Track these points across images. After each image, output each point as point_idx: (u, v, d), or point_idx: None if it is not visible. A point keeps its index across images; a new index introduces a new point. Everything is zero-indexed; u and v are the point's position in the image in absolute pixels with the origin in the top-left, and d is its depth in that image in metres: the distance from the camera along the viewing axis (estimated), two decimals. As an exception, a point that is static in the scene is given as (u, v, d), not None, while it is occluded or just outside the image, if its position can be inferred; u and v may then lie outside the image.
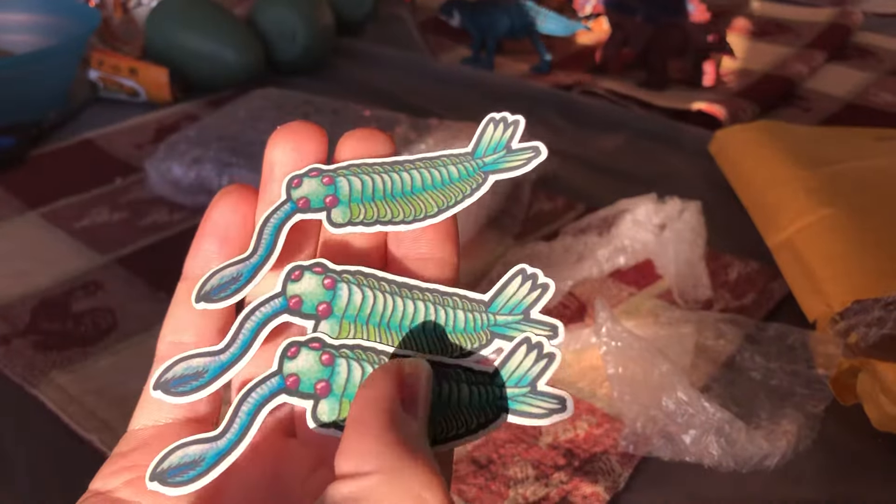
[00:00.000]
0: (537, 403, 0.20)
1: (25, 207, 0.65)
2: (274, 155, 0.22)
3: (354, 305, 0.21)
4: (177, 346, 0.22)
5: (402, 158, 0.22)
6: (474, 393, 0.21)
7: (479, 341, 0.21)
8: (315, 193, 0.22)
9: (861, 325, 0.47)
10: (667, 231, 0.57)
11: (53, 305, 0.54)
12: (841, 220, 0.56)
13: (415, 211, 0.22)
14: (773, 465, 0.41)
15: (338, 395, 0.20)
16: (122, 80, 0.82)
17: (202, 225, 0.23)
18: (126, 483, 0.21)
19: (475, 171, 0.22)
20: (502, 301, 0.22)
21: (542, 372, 0.21)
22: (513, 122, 0.23)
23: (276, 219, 0.22)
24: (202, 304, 0.21)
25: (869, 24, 1.07)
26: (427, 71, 0.94)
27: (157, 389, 0.21)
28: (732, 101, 0.84)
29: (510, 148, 0.23)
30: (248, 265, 0.21)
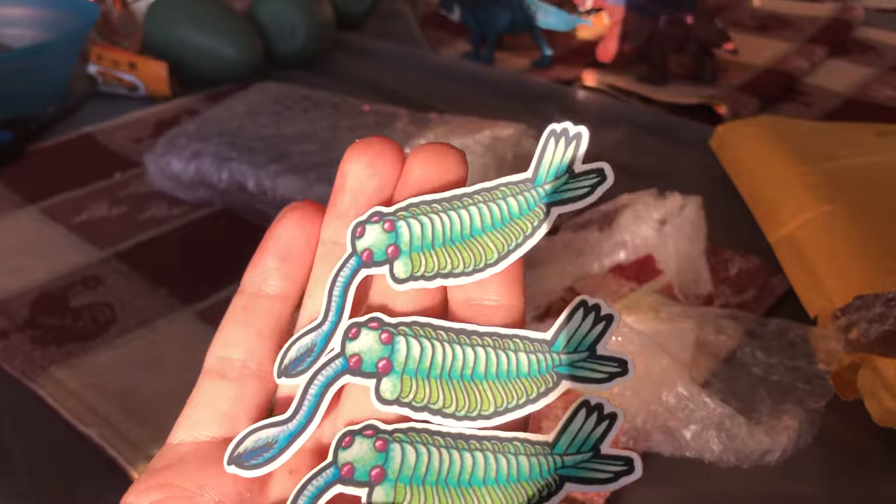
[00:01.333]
0: (602, 468, 0.20)
1: (24, 202, 0.65)
2: (348, 168, 0.22)
3: (414, 358, 0.20)
4: (224, 363, 0.22)
5: (460, 192, 0.21)
6: (534, 465, 0.20)
7: (546, 384, 0.20)
8: (378, 243, 0.21)
9: (862, 320, 0.47)
10: (667, 226, 0.57)
11: (52, 300, 0.54)
12: (842, 215, 0.55)
13: (475, 259, 0.21)
14: (774, 460, 0.41)
15: (392, 480, 0.20)
16: (121, 74, 0.82)
17: (265, 240, 0.22)
18: (157, 503, 0.21)
19: (536, 204, 0.21)
20: (565, 339, 0.21)
21: (604, 434, 0.20)
22: (574, 135, 0.21)
23: (343, 277, 0.21)
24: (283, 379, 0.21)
25: (870, 20, 1.07)
26: (427, 66, 0.94)
27: (231, 464, 0.21)
28: (733, 95, 0.83)
29: (573, 172, 0.21)
30: (322, 333, 0.21)
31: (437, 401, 0.20)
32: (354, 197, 0.22)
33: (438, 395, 0.20)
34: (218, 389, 0.22)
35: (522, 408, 0.20)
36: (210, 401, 0.22)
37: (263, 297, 0.22)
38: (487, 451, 0.20)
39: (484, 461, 0.20)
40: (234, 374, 0.22)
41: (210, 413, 0.22)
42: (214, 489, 0.21)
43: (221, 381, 0.22)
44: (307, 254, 0.22)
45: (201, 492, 0.21)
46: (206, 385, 0.22)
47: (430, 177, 0.22)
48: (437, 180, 0.22)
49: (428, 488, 0.19)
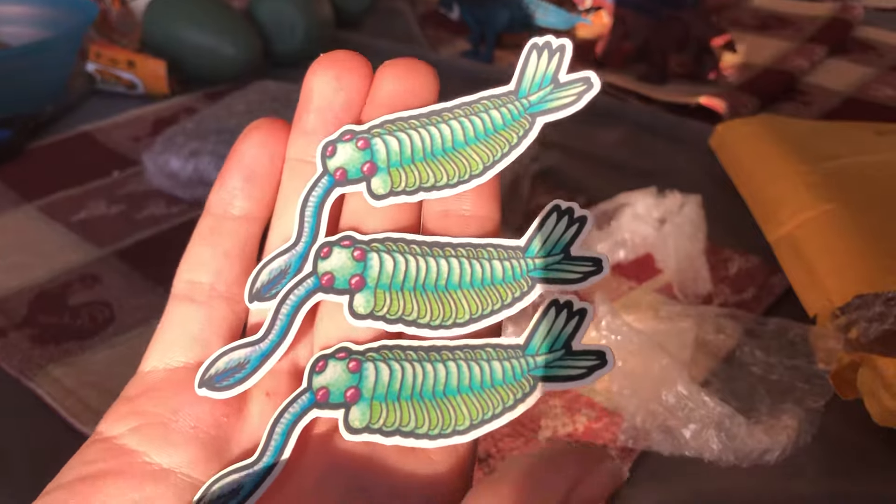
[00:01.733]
0: (575, 364, 0.19)
1: (22, 200, 0.65)
2: (313, 83, 0.21)
3: (387, 273, 0.20)
4: (192, 286, 0.21)
5: (439, 107, 0.21)
6: (507, 369, 0.20)
7: (521, 289, 0.20)
8: (352, 162, 0.20)
9: (862, 320, 0.47)
10: (667, 225, 0.57)
11: (50, 298, 0.54)
12: (842, 214, 0.55)
13: (459, 171, 0.20)
14: (774, 459, 0.41)
15: (367, 399, 0.20)
16: (119, 72, 0.82)
17: (229, 158, 0.22)
18: (132, 430, 0.20)
19: (521, 114, 0.20)
20: (539, 243, 0.20)
21: (575, 330, 0.19)
22: (558, 47, 0.21)
23: (316, 197, 0.21)
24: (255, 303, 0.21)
25: (870, 19, 1.07)
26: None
27: (203, 387, 0.20)
28: (733, 94, 0.83)
29: (558, 81, 0.20)
30: (296, 254, 0.21)
31: (410, 312, 0.20)
32: (321, 113, 0.21)
33: (412, 306, 0.20)
34: (187, 313, 0.21)
35: (498, 313, 0.20)
36: (180, 325, 0.21)
37: (230, 217, 0.22)
38: (460, 359, 0.20)
39: (457, 370, 0.20)
40: (203, 297, 0.21)
41: (181, 338, 0.21)
42: (189, 414, 0.20)
43: (190, 304, 0.21)
44: (273, 173, 0.22)
45: (176, 417, 0.20)
46: (176, 310, 0.22)
47: (400, 92, 0.21)
48: (408, 96, 0.21)
49: (403, 403, 0.19)
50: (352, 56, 0.21)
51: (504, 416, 0.19)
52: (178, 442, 0.20)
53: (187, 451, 0.20)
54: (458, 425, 0.19)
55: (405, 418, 0.19)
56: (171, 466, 0.20)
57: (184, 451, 0.20)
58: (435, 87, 0.21)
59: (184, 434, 0.20)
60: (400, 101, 0.21)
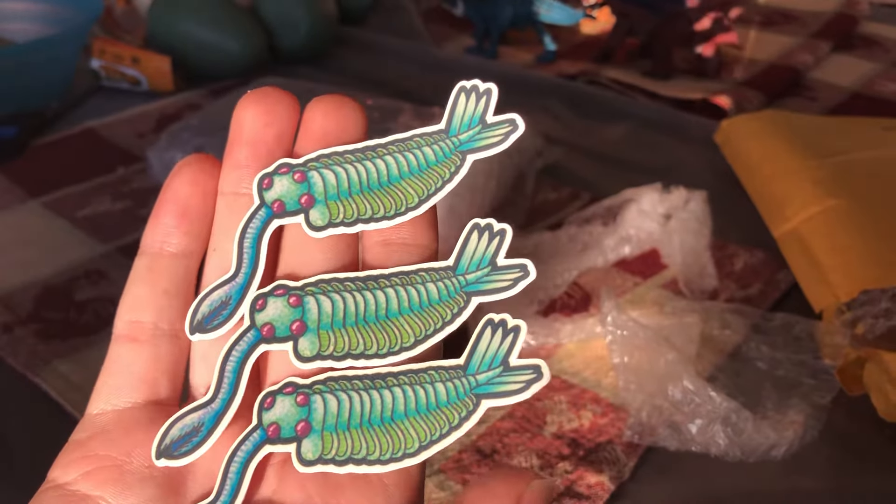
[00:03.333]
0: (513, 379, 0.20)
1: (27, 196, 0.65)
2: (243, 118, 0.21)
3: (326, 314, 0.21)
4: (136, 326, 0.22)
5: (373, 143, 0.21)
6: (450, 389, 0.20)
7: (458, 305, 0.21)
8: (289, 194, 0.21)
9: (868, 316, 0.47)
10: (672, 221, 0.57)
11: (56, 294, 0.54)
12: (847, 210, 0.55)
13: (395, 203, 0.21)
14: (780, 455, 0.41)
15: (318, 431, 0.20)
16: (124, 69, 0.82)
17: (160, 197, 0.22)
18: (84, 476, 0.20)
19: (452, 152, 0.21)
20: (467, 259, 0.21)
21: (511, 347, 0.20)
22: (485, 91, 0.21)
23: (254, 228, 0.21)
24: (197, 335, 0.21)
25: (875, 15, 1.06)
26: (430, 60, 0.93)
27: (161, 457, 0.20)
28: (738, 90, 0.83)
29: (485, 122, 0.21)
30: (236, 286, 0.21)
31: (357, 346, 0.21)
32: (253, 147, 0.22)
33: (357, 340, 0.21)
34: (132, 354, 0.21)
35: (441, 331, 0.21)
36: (126, 366, 0.21)
37: (166, 255, 0.22)
38: (405, 384, 0.20)
39: (403, 395, 0.20)
40: (146, 336, 0.21)
41: (127, 379, 0.21)
42: (142, 455, 0.21)
43: (134, 344, 0.21)
44: (206, 208, 0.22)
45: (129, 458, 0.21)
46: (119, 350, 0.22)
47: (331, 128, 0.22)
48: (338, 131, 0.22)
49: (353, 432, 0.20)
50: (279, 92, 0.22)
51: (451, 434, 0.20)
52: (134, 483, 0.20)
53: (143, 491, 0.20)
54: (408, 448, 0.20)
55: (357, 446, 0.20)
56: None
57: (140, 492, 0.20)
58: (363, 124, 0.22)
59: (138, 475, 0.20)
60: (332, 136, 0.22)
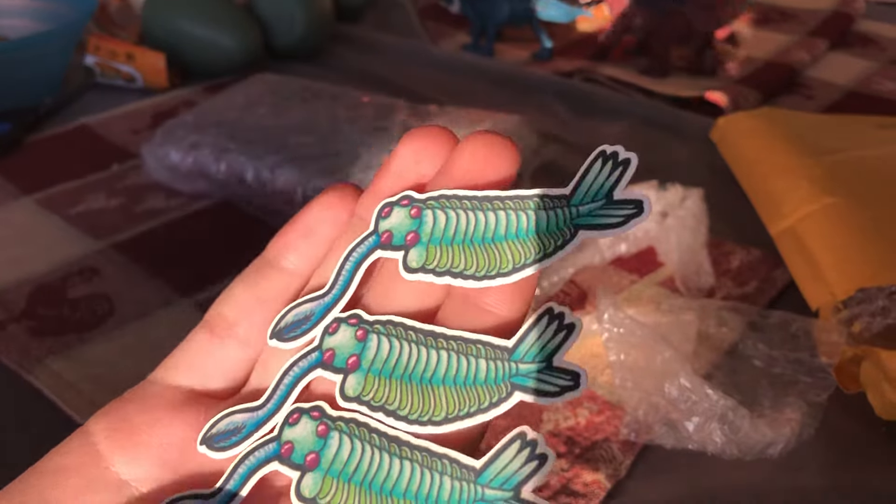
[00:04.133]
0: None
1: (21, 193, 0.65)
2: (399, 150, 0.22)
3: (381, 359, 0.21)
4: (218, 318, 0.23)
5: (494, 194, 0.21)
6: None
7: (500, 394, 0.20)
8: (400, 227, 0.21)
9: (865, 314, 0.47)
10: (669, 218, 0.56)
11: (49, 291, 0.54)
12: (844, 208, 0.55)
13: (489, 265, 0.20)
14: (777, 453, 0.41)
15: (323, 470, 0.20)
16: (118, 65, 0.81)
17: (298, 214, 0.23)
18: (106, 431, 0.22)
19: (566, 223, 0.20)
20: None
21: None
22: (623, 161, 0.20)
23: (358, 254, 0.21)
24: (274, 341, 0.22)
25: (871, 13, 1.06)
26: (426, 58, 0.93)
27: (203, 445, 0.21)
28: (734, 88, 0.83)
29: (611, 198, 0.20)
30: (322, 304, 0.22)
31: (393, 402, 0.20)
32: (396, 179, 0.22)
33: (396, 396, 0.20)
34: (202, 342, 0.23)
35: (472, 416, 0.20)
36: (191, 351, 0.23)
37: (277, 267, 0.23)
38: (416, 462, 0.20)
39: (410, 471, 0.20)
40: (222, 332, 0.22)
41: (187, 362, 0.23)
42: (162, 431, 0.22)
43: (208, 334, 0.23)
44: (331, 235, 0.23)
45: (150, 431, 0.22)
46: (196, 335, 0.23)
47: (473, 168, 0.21)
48: (480, 172, 0.21)
49: (353, 486, 0.20)
50: (440, 131, 0.22)
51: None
52: (143, 456, 0.21)
53: (148, 467, 0.21)
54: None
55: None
56: (129, 478, 0.21)
57: (145, 466, 0.21)
58: (513, 167, 0.21)
59: (150, 450, 0.21)
60: (470, 176, 0.21)
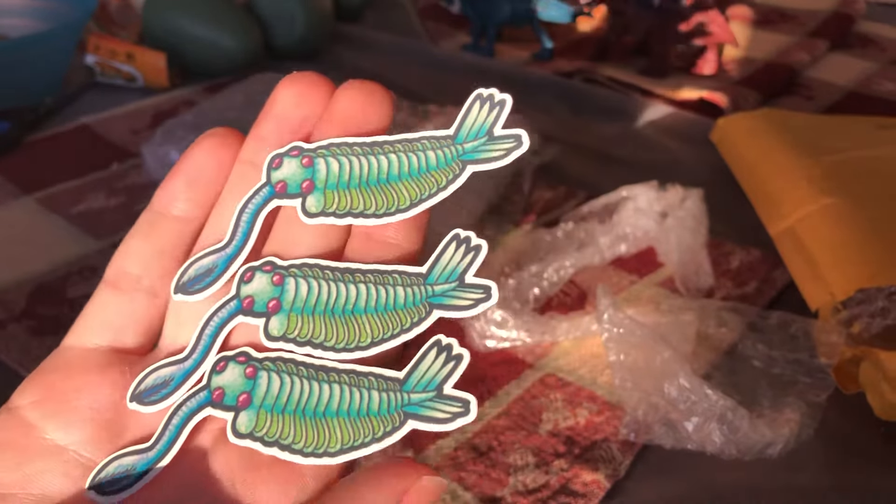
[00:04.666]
0: (442, 408, 0.20)
1: (21, 192, 0.65)
2: (278, 94, 0.22)
3: (301, 298, 0.22)
4: (120, 275, 0.23)
5: (382, 139, 0.22)
6: (382, 400, 0.21)
7: (420, 315, 0.21)
8: (293, 177, 0.22)
9: (864, 314, 0.47)
10: (669, 219, 0.56)
11: (49, 291, 0.54)
12: (844, 208, 0.55)
13: (387, 202, 0.22)
14: (776, 453, 0.41)
15: (255, 407, 0.21)
16: (119, 65, 0.81)
17: (179, 161, 0.23)
18: (35, 402, 0.22)
19: (453, 160, 0.22)
20: (438, 270, 0.22)
21: (449, 374, 0.21)
22: (499, 101, 0.22)
23: (254, 205, 0.22)
24: (179, 295, 0.22)
25: (872, 14, 1.06)
26: (426, 58, 0.93)
27: (133, 401, 0.22)
28: (734, 88, 0.83)
29: (492, 134, 0.22)
30: (224, 255, 0.22)
31: (319, 335, 0.21)
32: (278, 123, 0.22)
33: (321, 329, 0.21)
34: (109, 300, 0.23)
35: (396, 337, 0.21)
36: (101, 310, 0.23)
37: (169, 217, 0.23)
38: (344, 384, 0.21)
39: (339, 394, 0.21)
40: (127, 287, 0.23)
41: (99, 322, 0.23)
42: (90, 394, 0.22)
43: (114, 291, 0.23)
44: (218, 180, 0.23)
45: (78, 396, 0.22)
46: (101, 294, 0.23)
47: (354, 114, 0.22)
48: (361, 118, 0.22)
49: (286, 416, 0.21)
50: (318, 77, 0.22)
51: (371, 445, 0.20)
52: (76, 421, 0.21)
53: (83, 430, 0.21)
54: (330, 447, 0.21)
55: (286, 432, 0.21)
56: (66, 444, 0.21)
57: (80, 430, 0.21)
58: (388, 114, 0.22)
59: (82, 414, 0.21)
60: (352, 122, 0.22)
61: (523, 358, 0.49)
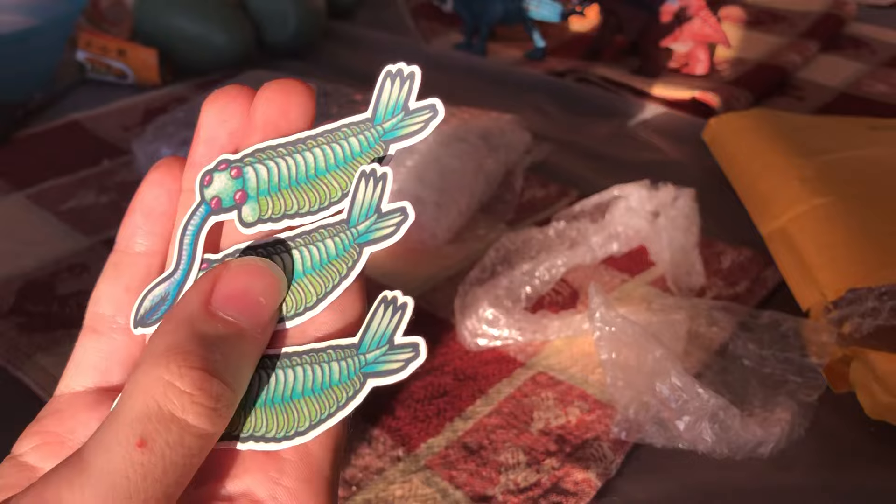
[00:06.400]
0: (395, 358, 0.20)
1: (11, 188, 0.64)
2: (202, 117, 0.23)
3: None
4: (96, 318, 0.23)
5: (304, 135, 0.22)
6: (342, 368, 0.21)
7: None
8: (225, 190, 0.22)
9: (855, 315, 0.47)
10: (660, 218, 0.56)
11: (39, 287, 0.53)
12: (835, 209, 0.55)
13: (320, 198, 0.22)
14: (767, 452, 0.41)
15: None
16: (110, 61, 0.81)
17: (133, 199, 0.24)
18: (34, 448, 0.22)
19: (376, 141, 0.22)
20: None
21: (397, 325, 0.21)
22: (409, 74, 0.22)
23: (193, 226, 0.22)
24: (140, 329, 0.22)
25: (862, 15, 1.07)
26: (418, 56, 0.93)
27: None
28: (726, 89, 0.83)
29: (408, 109, 0.22)
30: (174, 281, 0.22)
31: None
32: (208, 144, 0.23)
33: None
34: (90, 344, 0.23)
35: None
36: (84, 355, 0.23)
37: (131, 254, 0.23)
38: (306, 364, 0.21)
39: (303, 375, 0.21)
40: (105, 329, 0.23)
41: (84, 366, 0.23)
42: (83, 433, 0.22)
43: (93, 335, 0.23)
44: (171, 209, 0.23)
45: (72, 436, 0.22)
46: (82, 340, 0.23)
47: (273, 115, 0.22)
48: (282, 119, 0.22)
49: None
50: (237, 88, 0.23)
51: (338, 414, 0.21)
52: None
53: None
54: (300, 427, 0.21)
55: (258, 424, 0.21)
56: None
57: None
58: (309, 108, 0.22)
59: None
60: (272, 125, 0.22)
61: (515, 356, 0.49)
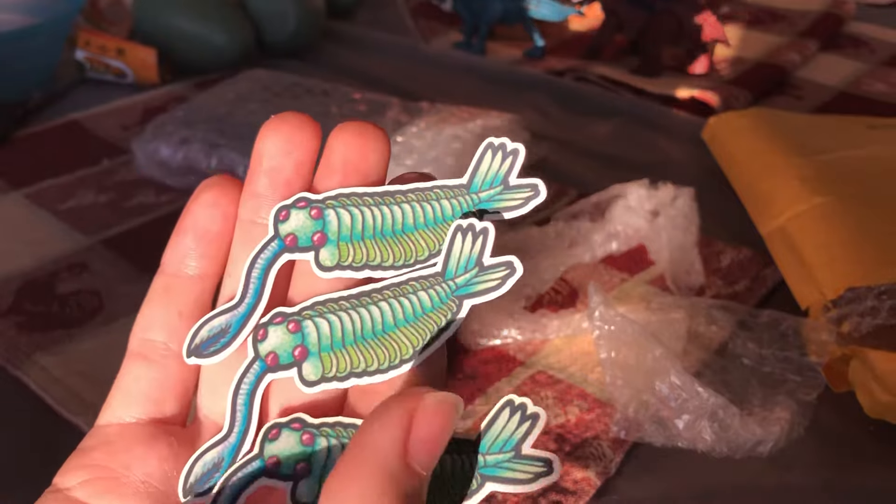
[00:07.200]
0: (522, 468, 0.20)
1: (10, 188, 0.64)
2: (264, 145, 0.21)
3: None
4: (147, 344, 0.22)
5: (393, 189, 0.21)
6: (457, 463, 0.20)
7: (451, 310, 0.21)
8: (303, 229, 0.21)
9: (854, 314, 0.47)
10: (660, 217, 0.57)
11: (38, 287, 0.53)
12: (834, 208, 0.55)
13: (405, 254, 0.21)
14: (767, 451, 0.41)
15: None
16: (109, 60, 0.81)
17: (182, 218, 0.22)
18: (83, 483, 0.21)
19: (469, 208, 0.21)
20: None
21: (526, 434, 0.20)
22: (512, 150, 0.21)
23: (263, 260, 0.21)
24: (193, 358, 0.21)
25: (862, 15, 1.07)
26: (418, 55, 0.93)
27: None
28: (725, 88, 0.83)
29: (507, 184, 0.21)
30: (237, 315, 0.21)
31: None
32: (272, 175, 0.22)
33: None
34: (141, 371, 0.22)
35: (438, 338, 0.21)
36: (134, 383, 0.22)
37: (183, 277, 0.22)
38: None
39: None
40: (157, 356, 0.22)
41: (135, 395, 0.22)
42: (140, 469, 0.21)
43: (144, 362, 0.22)
44: (225, 232, 0.22)
45: (127, 472, 0.21)
46: (131, 367, 0.22)
47: (354, 158, 0.21)
48: (359, 161, 0.21)
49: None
50: (300, 118, 0.22)
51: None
52: (129, 496, 0.21)
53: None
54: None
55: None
56: None
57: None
58: (385, 152, 0.22)
59: (134, 488, 0.21)
60: (352, 166, 0.21)
61: (514, 355, 0.49)
